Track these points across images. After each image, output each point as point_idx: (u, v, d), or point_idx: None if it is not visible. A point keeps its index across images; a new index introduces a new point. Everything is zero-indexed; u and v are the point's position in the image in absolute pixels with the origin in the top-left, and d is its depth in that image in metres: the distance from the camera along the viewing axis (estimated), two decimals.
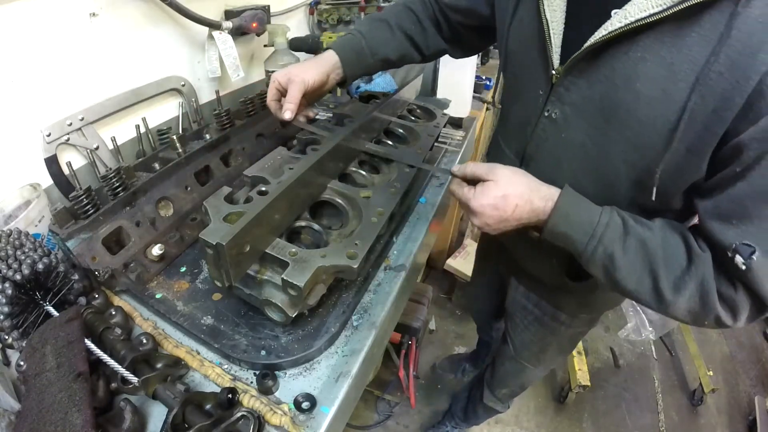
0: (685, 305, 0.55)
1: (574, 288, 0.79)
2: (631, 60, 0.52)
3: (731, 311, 0.54)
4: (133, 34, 0.96)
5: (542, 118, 0.65)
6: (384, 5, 1.50)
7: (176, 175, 0.86)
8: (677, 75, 0.49)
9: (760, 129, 0.45)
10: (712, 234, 0.53)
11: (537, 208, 0.60)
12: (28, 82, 0.79)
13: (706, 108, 0.48)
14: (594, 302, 0.88)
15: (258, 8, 1.22)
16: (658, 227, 0.58)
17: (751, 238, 0.49)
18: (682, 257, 0.55)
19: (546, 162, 0.68)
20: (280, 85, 0.79)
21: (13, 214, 0.77)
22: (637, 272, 0.57)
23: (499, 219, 0.61)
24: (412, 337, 1.58)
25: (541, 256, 0.79)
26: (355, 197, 0.78)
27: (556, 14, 0.58)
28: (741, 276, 0.51)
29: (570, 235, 0.59)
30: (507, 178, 0.61)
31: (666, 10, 0.46)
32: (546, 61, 0.61)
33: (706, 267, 0.53)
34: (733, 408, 1.95)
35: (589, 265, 0.61)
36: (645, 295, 0.57)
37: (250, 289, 0.64)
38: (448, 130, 1.31)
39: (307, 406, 0.57)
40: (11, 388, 0.58)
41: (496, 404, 1.36)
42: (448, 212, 1.63)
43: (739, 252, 0.49)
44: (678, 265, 0.55)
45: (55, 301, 0.62)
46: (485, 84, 1.85)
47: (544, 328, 0.97)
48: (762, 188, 0.48)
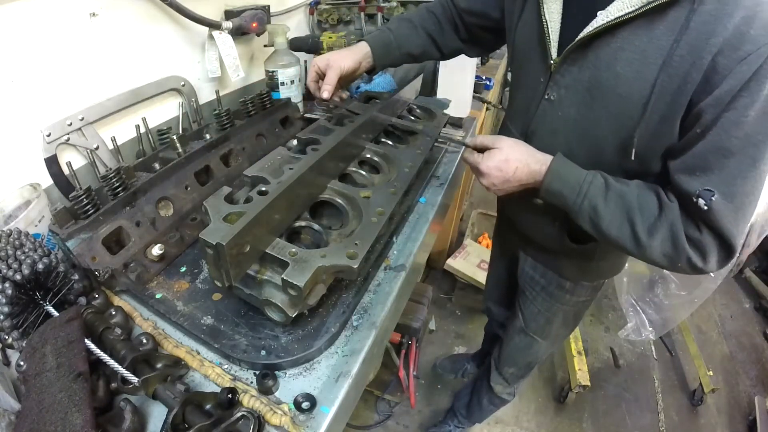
0: (660, 248, 0.66)
1: (575, 252, 0.90)
2: (612, 49, 0.65)
3: (700, 252, 0.64)
4: (133, 34, 0.96)
5: (543, 101, 0.77)
6: (384, 5, 1.50)
7: (176, 175, 0.86)
8: (648, 59, 0.62)
9: (714, 97, 0.57)
10: (680, 185, 0.63)
11: (534, 171, 0.74)
12: (28, 82, 0.79)
13: (671, 84, 0.60)
14: (593, 269, 0.97)
15: (258, 8, 1.22)
16: (634, 184, 0.69)
17: (711, 185, 0.60)
18: (654, 207, 0.67)
19: (545, 135, 0.80)
20: (320, 69, 0.92)
21: (13, 214, 0.77)
22: (618, 220, 0.68)
23: (502, 179, 0.76)
24: (412, 337, 1.58)
25: (545, 223, 0.90)
26: (355, 197, 0.78)
27: (553, 15, 0.71)
28: (704, 217, 0.62)
29: (562, 192, 0.72)
30: (509, 146, 0.77)
31: (639, 8, 0.59)
32: (545, 54, 0.74)
33: (674, 213, 0.65)
34: (733, 408, 1.95)
35: (578, 218, 0.73)
36: (626, 240, 0.68)
37: (250, 289, 0.64)
38: (448, 130, 1.31)
39: (307, 406, 0.56)
40: (11, 388, 0.58)
41: (504, 388, 1.37)
42: (448, 212, 1.63)
43: (701, 196, 0.60)
44: (651, 213, 0.67)
45: (55, 301, 0.62)
46: (485, 84, 1.85)
47: (550, 297, 1.06)
48: (718, 144, 0.59)
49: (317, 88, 0.93)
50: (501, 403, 1.46)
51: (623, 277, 1.72)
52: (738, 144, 0.58)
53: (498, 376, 1.35)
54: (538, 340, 1.17)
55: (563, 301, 1.05)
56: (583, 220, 0.72)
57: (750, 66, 0.54)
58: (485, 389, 1.43)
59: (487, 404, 1.48)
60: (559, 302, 1.06)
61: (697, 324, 2.34)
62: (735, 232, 0.62)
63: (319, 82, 0.93)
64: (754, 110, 0.55)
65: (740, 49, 0.55)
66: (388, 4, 1.50)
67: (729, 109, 0.57)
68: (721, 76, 0.56)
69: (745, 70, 0.54)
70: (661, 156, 0.68)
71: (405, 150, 1.00)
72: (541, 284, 1.07)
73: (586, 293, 1.04)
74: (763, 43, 0.53)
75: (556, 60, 0.72)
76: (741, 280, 2.64)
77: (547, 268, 1.03)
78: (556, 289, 1.04)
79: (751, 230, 1.36)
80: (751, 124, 0.56)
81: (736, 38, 0.55)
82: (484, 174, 0.78)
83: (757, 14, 0.54)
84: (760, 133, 0.57)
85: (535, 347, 1.19)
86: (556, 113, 0.76)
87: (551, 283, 1.04)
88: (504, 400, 1.43)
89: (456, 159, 1.19)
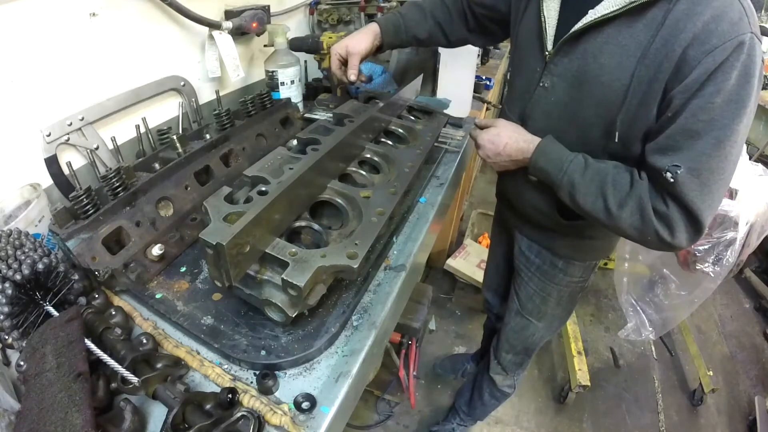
0: (629, 220, 0.74)
1: (566, 229, 0.97)
2: (598, 43, 0.73)
3: (666, 226, 0.71)
4: (133, 34, 0.96)
5: (538, 88, 0.86)
6: (384, 5, 1.50)
7: (176, 175, 0.86)
8: (629, 52, 0.70)
9: (684, 85, 0.64)
10: (653, 163, 0.70)
11: (522, 148, 0.86)
12: (28, 82, 0.79)
13: (648, 73, 0.68)
14: (585, 248, 1.03)
15: (258, 8, 1.22)
16: (612, 164, 0.77)
17: (678, 161, 0.67)
18: (626, 183, 0.74)
19: (539, 118, 0.89)
20: (341, 56, 1.06)
21: (13, 214, 0.77)
22: (592, 194, 0.76)
23: (494, 151, 0.89)
24: (412, 337, 1.58)
25: (538, 199, 0.97)
26: (355, 197, 0.78)
27: (551, 13, 0.81)
28: (671, 190, 0.68)
29: (547, 169, 0.82)
30: (503, 125, 0.91)
31: (622, 7, 0.68)
32: (542, 46, 0.84)
33: (642, 188, 0.72)
34: (733, 408, 1.94)
35: (559, 192, 0.82)
36: (599, 212, 0.76)
37: (250, 289, 0.64)
38: (448, 130, 1.31)
39: (307, 406, 0.56)
40: (11, 388, 0.58)
41: (504, 379, 1.38)
42: (448, 212, 1.63)
43: (669, 171, 0.67)
44: (623, 189, 0.74)
45: (55, 301, 0.62)
46: (485, 84, 1.85)
47: (544, 276, 1.11)
48: (687, 126, 0.65)
49: (343, 72, 1.06)
50: (502, 396, 1.46)
51: (623, 277, 1.72)
52: (704, 126, 0.64)
53: (497, 365, 1.36)
54: (534, 321, 1.19)
55: (557, 281, 1.10)
56: (563, 193, 0.81)
57: (716, 58, 0.61)
58: (486, 382, 1.44)
59: (489, 398, 1.48)
60: (553, 282, 1.10)
61: (697, 324, 2.34)
62: (702, 206, 0.67)
63: (342, 68, 1.07)
64: (720, 98, 0.62)
65: (708, 43, 0.62)
66: (388, 4, 1.50)
67: (696, 96, 0.64)
68: (690, 67, 0.63)
69: (711, 62, 0.61)
70: (640, 140, 0.75)
71: (405, 150, 1.00)
72: (536, 264, 1.11)
73: (579, 273, 1.08)
74: (728, 39, 0.60)
75: (551, 52, 0.81)
76: (741, 280, 2.64)
77: (541, 247, 1.08)
78: (550, 267, 1.08)
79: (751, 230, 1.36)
80: (716, 109, 0.63)
81: (704, 34, 0.62)
82: (480, 145, 0.92)
83: (725, 13, 0.61)
84: (725, 118, 0.63)
85: (531, 329, 1.21)
86: (549, 99, 0.84)
87: (545, 262, 1.09)
88: (505, 393, 1.43)
89: (456, 159, 1.19)
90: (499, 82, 2.47)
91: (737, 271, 2.06)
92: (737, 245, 1.33)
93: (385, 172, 0.93)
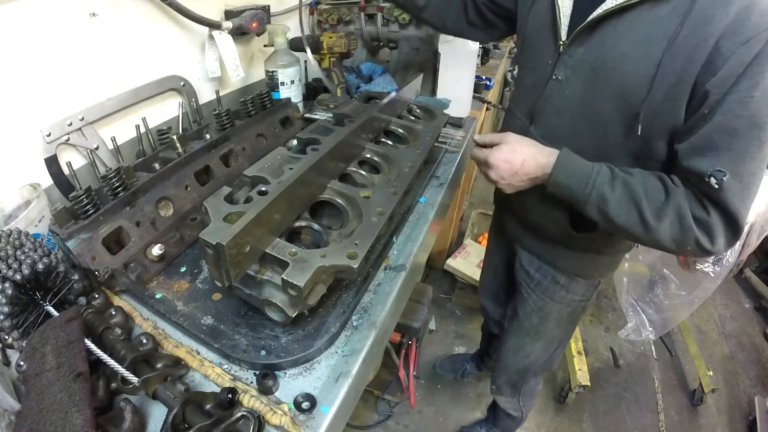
0: (668, 231, 0.68)
1: (574, 241, 0.91)
2: (617, 31, 0.69)
3: (707, 233, 0.66)
4: (133, 34, 0.96)
5: (551, 81, 0.81)
6: (384, 5, 1.50)
7: (176, 175, 0.86)
8: (653, 40, 0.65)
9: (719, 78, 0.60)
10: (692, 166, 0.65)
11: (541, 163, 0.76)
12: (28, 82, 0.79)
13: (676, 64, 0.64)
14: (589, 264, 0.99)
15: (258, 8, 1.22)
16: (638, 172, 0.72)
17: (721, 165, 0.62)
18: (660, 192, 0.69)
19: (551, 115, 0.83)
20: None
21: (13, 214, 0.77)
22: (625, 207, 0.70)
23: (511, 172, 0.78)
24: (412, 337, 1.58)
25: (548, 208, 0.91)
26: (355, 197, 0.78)
27: (565, 2, 0.77)
28: (714, 196, 0.64)
29: (570, 183, 0.74)
30: (517, 140, 0.80)
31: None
32: (555, 37, 0.79)
33: (680, 197, 0.67)
34: (733, 408, 1.94)
35: (586, 208, 0.75)
36: (634, 226, 0.70)
37: (250, 289, 0.64)
38: (448, 130, 1.31)
39: (307, 406, 0.56)
40: (11, 388, 0.58)
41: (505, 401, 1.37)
42: (448, 212, 1.63)
43: (713, 176, 0.62)
44: (657, 198, 0.69)
45: (55, 301, 0.62)
46: (485, 84, 1.85)
47: (544, 293, 1.06)
48: (725, 123, 0.61)
49: None
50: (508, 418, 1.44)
51: (623, 277, 1.72)
52: (743, 124, 0.60)
53: (493, 386, 1.36)
54: (531, 341, 1.16)
55: (557, 298, 1.05)
56: (591, 209, 0.74)
57: (750, 49, 0.58)
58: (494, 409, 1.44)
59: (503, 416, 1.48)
60: (553, 299, 1.06)
61: (697, 324, 2.34)
62: (743, 211, 0.64)
63: None
64: (758, 91, 0.58)
65: (741, 33, 0.58)
66: (388, 4, 1.50)
67: (733, 91, 0.59)
68: (724, 58, 0.59)
69: (746, 53, 0.58)
70: (664, 139, 0.71)
71: (405, 150, 1.00)
72: (536, 279, 1.07)
73: (581, 291, 1.03)
74: (762, 29, 0.58)
75: (565, 42, 0.77)
76: (741, 280, 2.64)
77: (542, 261, 1.04)
78: (551, 283, 1.04)
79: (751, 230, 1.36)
80: (755, 104, 0.59)
81: (737, 24, 0.59)
82: (492, 166, 0.79)
83: (754, 3, 0.59)
84: (765, 115, 0.59)
85: (527, 350, 1.18)
86: (563, 92, 0.80)
87: (546, 277, 1.04)
88: (510, 415, 1.42)
89: (456, 159, 1.19)
90: (499, 82, 2.47)
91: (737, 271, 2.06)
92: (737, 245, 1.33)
93: (385, 172, 0.93)
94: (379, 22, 1.54)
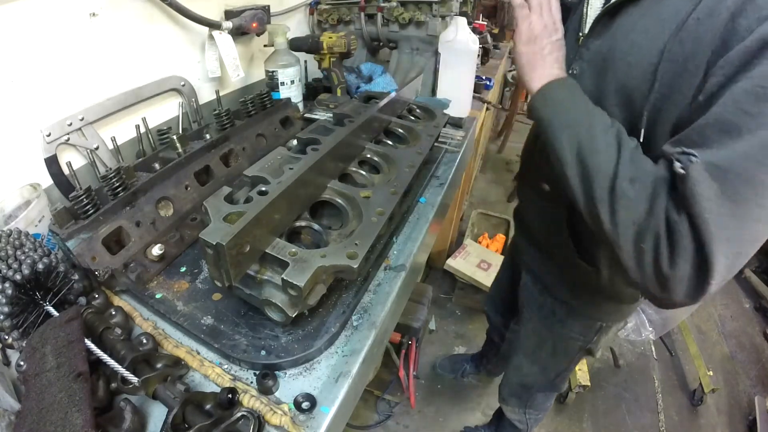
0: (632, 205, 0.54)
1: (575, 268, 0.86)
2: (633, 17, 0.63)
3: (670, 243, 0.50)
4: (132, 34, 0.96)
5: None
6: (384, 5, 1.50)
7: (176, 175, 0.86)
8: (664, 25, 0.57)
9: (727, 60, 0.48)
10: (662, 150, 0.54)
11: (557, 57, 0.70)
12: (28, 82, 0.79)
13: (682, 49, 0.54)
14: (588, 302, 0.94)
15: (258, 8, 1.22)
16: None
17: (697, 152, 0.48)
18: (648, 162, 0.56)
19: None
20: None
21: (13, 214, 0.77)
22: (605, 148, 0.58)
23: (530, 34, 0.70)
24: (412, 337, 1.58)
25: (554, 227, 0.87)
26: (355, 197, 0.78)
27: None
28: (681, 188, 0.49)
29: (563, 101, 0.66)
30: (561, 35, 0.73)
31: None
32: (579, 29, 0.76)
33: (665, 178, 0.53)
34: (733, 408, 1.94)
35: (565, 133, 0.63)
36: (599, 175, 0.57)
37: (250, 289, 0.64)
38: (448, 130, 1.31)
39: (307, 406, 0.56)
40: (11, 388, 0.58)
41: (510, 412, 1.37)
42: (448, 212, 1.63)
43: (678, 160, 0.50)
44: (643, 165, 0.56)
45: (55, 301, 0.62)
46: (485, 84, 1.85)
47: (542, 321, 1.05)
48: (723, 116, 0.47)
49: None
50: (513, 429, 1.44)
51: None
52: (748, 121, 0.45)
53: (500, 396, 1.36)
54: (529, 363, 1.15)
55: (552, 330, 1.04)
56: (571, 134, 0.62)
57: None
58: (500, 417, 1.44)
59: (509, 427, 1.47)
60: (550, 330, 1.04)
61: (697, 324, 2.34)
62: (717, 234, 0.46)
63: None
64: None
65: (764, 8, 0.46)
66: (388, 4, 1.50)
67: (741, 78, 0.46)
68: (740, 37, 0.47)
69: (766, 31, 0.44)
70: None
71: (405, 150, 1.00)
72: (538, 302, 1.05)
73: (578, 330, 0.99)
74: None
75: (585, 34, 0.74)
76: (741, 280, 2.64)
77: (543, 285, 1.02)
78: (549, 312, 1.02)
79: None
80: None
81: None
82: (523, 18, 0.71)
83: None
84: None
85: (525, 370, 1.18)
86: None
87: (545, 305, 1.03)
88: (515, 427, 1.41)
89: (456, 159, 1.18)
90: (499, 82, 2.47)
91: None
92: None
93: (385, 172, 0.93)
94: (379, 22, 1.54)
